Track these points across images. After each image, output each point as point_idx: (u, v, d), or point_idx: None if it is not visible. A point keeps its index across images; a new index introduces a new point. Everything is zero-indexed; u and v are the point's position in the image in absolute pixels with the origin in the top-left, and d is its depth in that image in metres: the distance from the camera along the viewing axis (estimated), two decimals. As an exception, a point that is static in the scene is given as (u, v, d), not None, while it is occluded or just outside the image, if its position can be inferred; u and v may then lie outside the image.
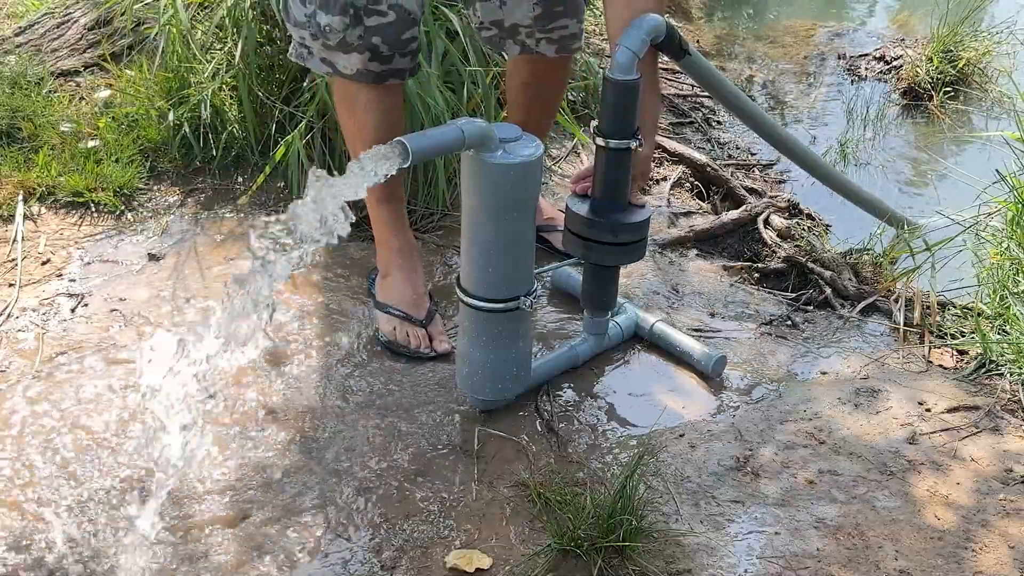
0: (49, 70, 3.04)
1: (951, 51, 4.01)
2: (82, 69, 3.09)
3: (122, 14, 3.08)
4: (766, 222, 2.81)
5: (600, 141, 1.90)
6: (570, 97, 3.21)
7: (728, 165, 3.28)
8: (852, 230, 2.92)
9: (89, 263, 2.44)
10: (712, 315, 2.43)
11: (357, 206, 1.71)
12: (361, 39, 1.93)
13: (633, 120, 1.91)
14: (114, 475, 1.85)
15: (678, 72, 3.69)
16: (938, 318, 2.44)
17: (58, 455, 1.89)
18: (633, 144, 1.90)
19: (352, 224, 1.49)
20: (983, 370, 2.25)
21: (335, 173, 1.51)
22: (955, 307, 2.49)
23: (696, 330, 2.34)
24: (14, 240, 2.48)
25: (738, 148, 3.48)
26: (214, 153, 2.74)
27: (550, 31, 2.19)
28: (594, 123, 1.94)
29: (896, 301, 2.49)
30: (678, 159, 3.14)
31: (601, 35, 3.68)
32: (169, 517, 1.76)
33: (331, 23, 1.91)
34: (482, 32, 2.25)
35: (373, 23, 1.92)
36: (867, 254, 2.74)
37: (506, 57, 2.38)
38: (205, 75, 2.73)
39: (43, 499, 1.80)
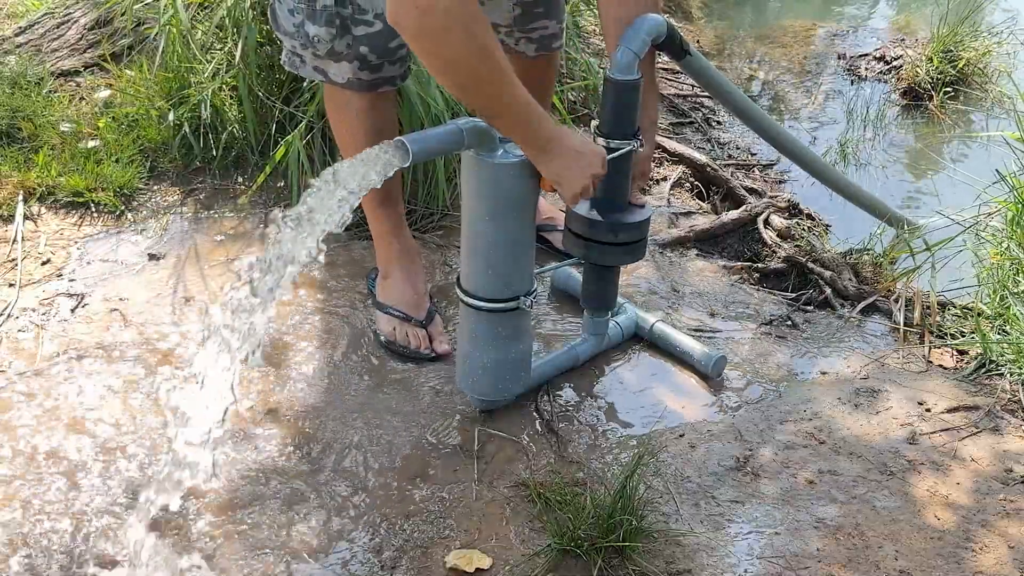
0: (49, 70, 3.04)
1: (951, 51, 4.00)
2: (82, 69, 3.09)
3: (122, 14, 3.08)
4: (766, 222, 2.81)
5: (601, 141, 1.90)
6: (570, 97, 3.21)
7: (728, 165, 3.28)
8: (852, 230, 2.92)
9: (89, 263, 2.44)
10: (712, 315, 2.43)
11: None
12: (350, 48, 1.93)
13: (633, 120, 1.91)
14: (115, 475, 1.85)
15: (678, 72, 3.68)
16: (938, 318, 2.44)
17: (58, 455, 1.89)
18: (634, 144, 1.90)
19: (353, 223, 1.50)
20: (983, 370, 2.25)
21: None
22: (955, 307, 2.49)
23: (696, 330, 2.34)
24: (14, 240, 2.48)
25: (738, 148, 3.48)
26: (214, 153, 2.73)
27: (530, 31, 2.21)
28: (594, 123, 1.94)
29: (896, 301, 2.49)
30: (678, 159, 3.13)
31: (601, 35, 3.67)
32: (169, 517, 1.77)
33: (319, 33, 1.92)
34: None
35: (360, 32, 1.92)
36: (867, 254, 2.73)
37: None
38: (205, 75, 2.73)
39: (42, 498, 1.80)
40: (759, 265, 2.67)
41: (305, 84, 2.65)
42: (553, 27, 2.24)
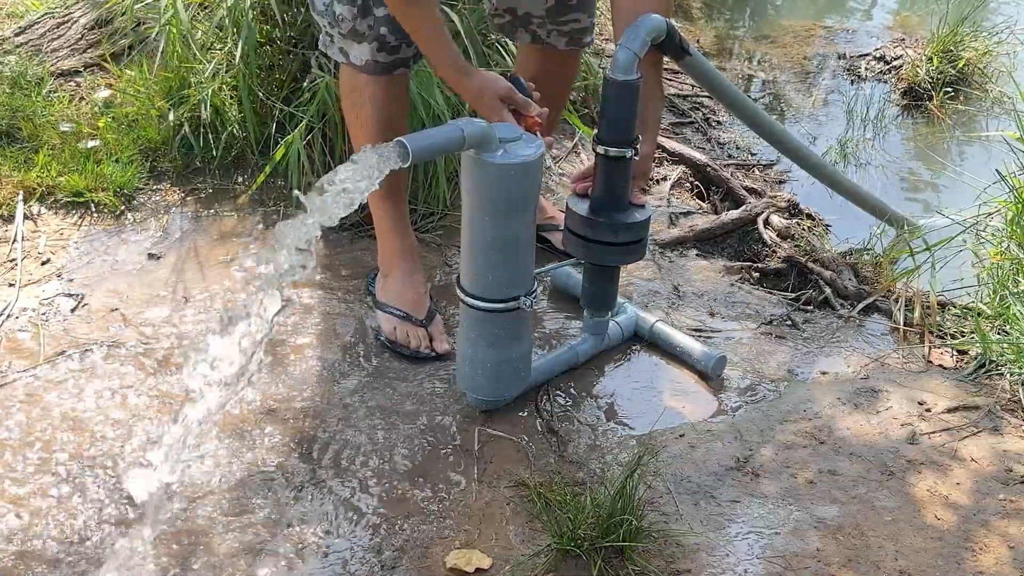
0: (49, 70, 3.03)
1: (951, 51, 4.00)
2: (82, 69, 3.09)
3: (122, 14, 3.07)
4: (766, 222, 2.81)
5: (600, 149, 1.91)
6: (570, 97, 3.20)
7: (728, 165, 3.28)
8: (852, 230, 2.92)
9: (89, 263, 2.44)
10: (712, 315, 2.43)
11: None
12: (371, 28, 1.96)
13: (633, 119, 1.91)
14: (114, 475, 1.85)
15: (678, 72, 3.68)
16: (938, 318, 2.43)
17: (58, 455, 1.89)
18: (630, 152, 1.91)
19: (353, 223, 1.50)
20: (983, 370, 2.25)
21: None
22: (955, 307, 2.49)
23: (696, 330, 2.34)
24: (14, 240, 2.47)
25: (738, 148, 3.48)
26: (214, 153, 2.73)
27: (562, 23, 2.21)
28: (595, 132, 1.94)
29: (896, 301, 2.49)
30: (678, 159, 3.13)
31: (601, 35, 3.67)
32: (169, 516, 1.77)
33: (342, 12, 1.96)
34: (495, 19, 2.27)
35: (381, 13, 1.95)
36: (867, 254, 2.73)
37: (516, 48, 2.38)
38: (205, 75, 2.73)
39: (42, 498, 1.80)
40: (759, 265, 2.67)
41: (305, 84, 2.65)
42: (585, 21, 2.24)
